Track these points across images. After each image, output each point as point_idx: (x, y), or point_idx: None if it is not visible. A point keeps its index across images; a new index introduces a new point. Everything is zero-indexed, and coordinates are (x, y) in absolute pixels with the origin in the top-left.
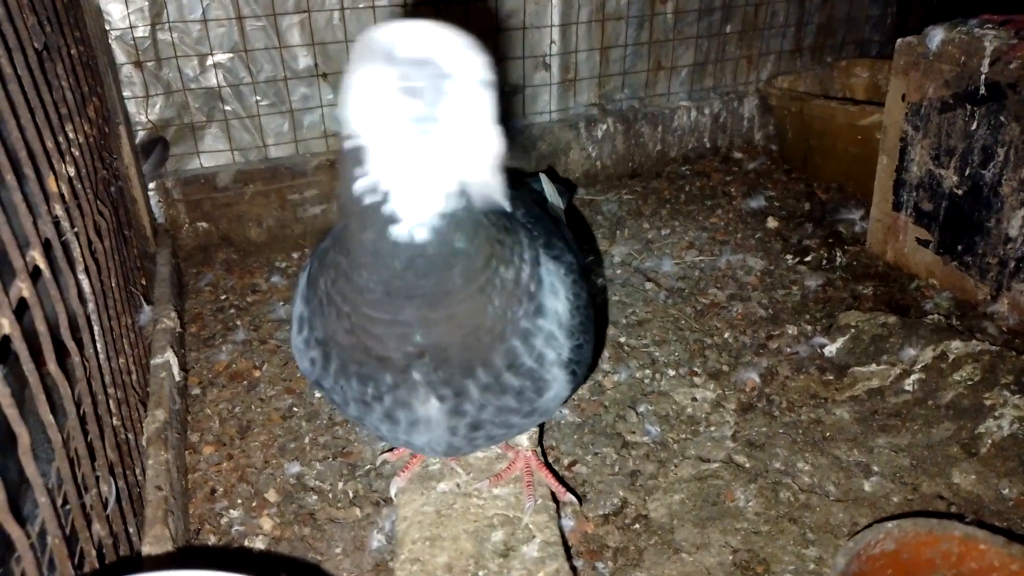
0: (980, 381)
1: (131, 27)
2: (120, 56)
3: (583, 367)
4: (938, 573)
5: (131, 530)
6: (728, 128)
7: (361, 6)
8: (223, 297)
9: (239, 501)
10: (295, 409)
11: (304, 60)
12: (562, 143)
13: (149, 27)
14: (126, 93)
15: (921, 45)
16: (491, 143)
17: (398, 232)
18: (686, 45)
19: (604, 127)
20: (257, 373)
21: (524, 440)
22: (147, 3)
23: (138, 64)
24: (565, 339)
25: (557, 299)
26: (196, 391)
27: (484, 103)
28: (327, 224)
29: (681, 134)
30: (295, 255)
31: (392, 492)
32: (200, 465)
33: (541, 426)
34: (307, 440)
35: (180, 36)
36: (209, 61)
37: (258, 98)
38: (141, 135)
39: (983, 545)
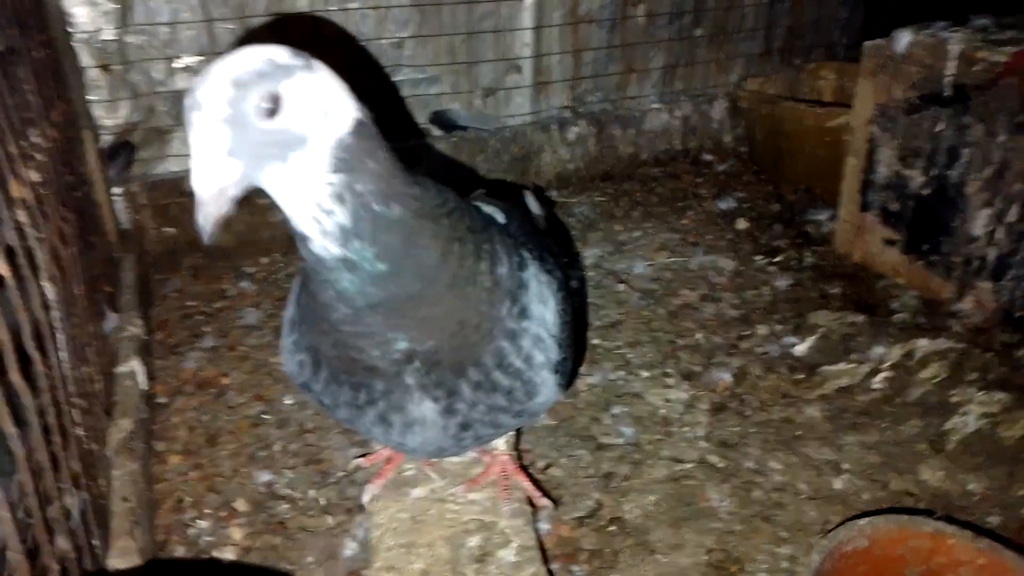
0: (946, 379)
1: (97, 30)
2: (86, 59)
3: (567, 378)
4: (909, 568)
5: (96, 543)
6: (698, 130)
7: (333, 8)
8: (190, 303)
9: (208, 511)
10: (265, 417)
11: None
12: (535, 145)
13: (116, 30)
14: (92, 97)
15: (889, 48)
16: (202, 178)
17: (317, 250)
18: (657, 48)
19: (576, 129)
20: (225, 380)
21: (501, 444)
22: (114, 5)
23: (104, 67)
24: (554, 345)
25: (546, 308)
26: (163, 399)
27: (207, 136)
28: None
29: (652, 136)
30: (264, 260)
31: (365, 499)
32: (167, 475)
33: (518, 430)
34: (277, 448)
35: (148, 39)
36: (177, 64)
37: None
38: (107, 139)
39: (952, 540)
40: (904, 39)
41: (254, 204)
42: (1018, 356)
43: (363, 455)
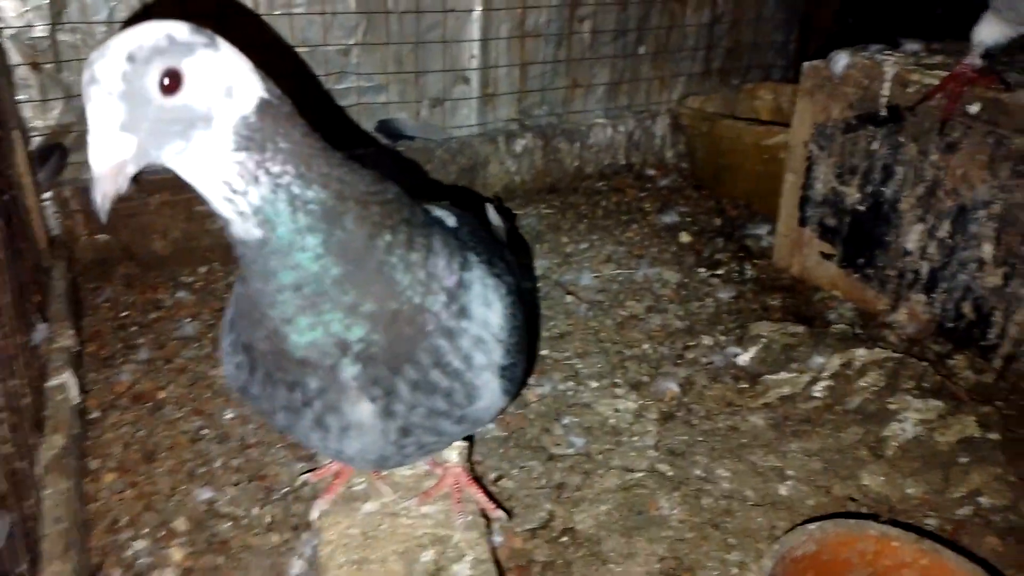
0: (884, 387)
1: (28, 26)
2: (14, 56)
3: (515, 385)
4: (856, 572)
5: (25, 568)
6: (642, 146)
7: (277, 13)
8: (124, 314)
9: (145, 531)
10: (204, 431)
11: None
12: (481, 156)
13: (49, 27)
14: (21, 96)
15: (826, 69)
16: (96, 153)
17: (238, 232)
18: (602, 64)
19: (523, 142)
20: (162, 394)
21: (454, 456)
22: (46, 1)
23: (35, 65)
24: (497, 348)
25: (490, 310)
26: (96, 414)
27: (102, 109)
28: None
29: (597, 150)
30: (202, 269)
31: (314, 515)
32: (101, 494)
33: (471, 441)
34: (218, 464)
35: (83, 37)
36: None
37: None
38: (37, 141)
39: (896, 542)
40: (841, 61)
41: (191, 211)
42: (950, 365)
43: (310, 470)
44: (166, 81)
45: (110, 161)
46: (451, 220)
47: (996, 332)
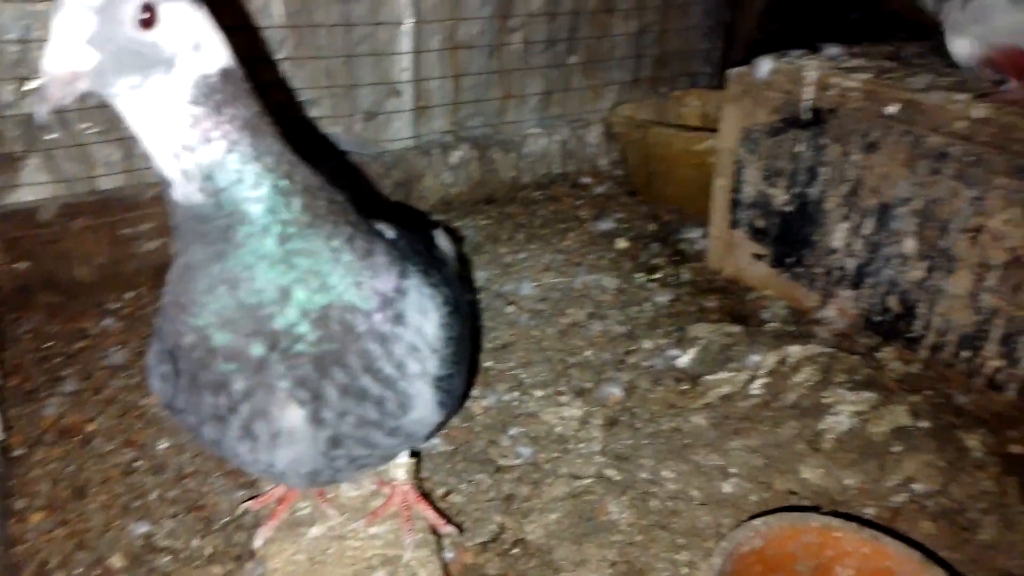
0: (818, 382)
1: None
2: None
3: (453, 398)
4: (801, 563)
5: None
6: (576, 154)
7: None
8: (47, 344)
9: (79, 570)
10: (138, 463)
11: None
12: (417, 169)
13: None
14: None
15: (751, 75)
16: (51, 56)
17: (178, 196)
18: (534, 74)
19: (458, 153)
20: (91, 427)
21: (400, 474)
22: None
23: None
24: (432, 358)
25: (425, 319)
26: (20, 451)
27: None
28: (166, 259)
29: (533, 160)
30: (129, 295)
31: (258, 543)
32: (28, 535)
33: (418, 458)
34: (154, 496)
35: None
36: (29, 86)
37: (86, 125)
38: None
39: (838, 533)
40: (765, 67)
41: (116, 235)
42: (879, 358)
43: (252, 497)
44: (144, 15)
45: (67, 67)
46: (390, 233)
47: (921, 324)
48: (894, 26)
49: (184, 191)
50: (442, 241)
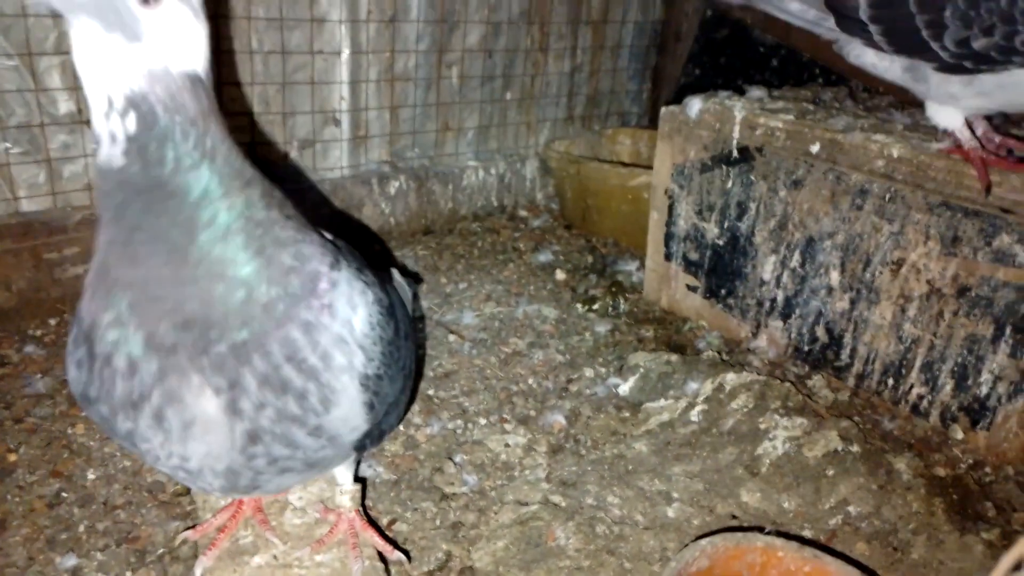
0: (754, 408)
1: None
2: None
3: (382, 404)
4: None
5: None
6: (513, 188)
7: None
8: None
9: None
10: (64, 495)
11: (66, 105)
12: (355, 199)
13: None
14: None
15: (682, 113)
16: None
17: (102, 159)
18: (471, 108)
19: (397, 184)
20: (13, 457)
21: (347, 501)
22: None
23: None
24: (359, 353)
25: (354, 312)
26: None
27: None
28: None
29: (471, 192)
30: (52, 321)
31: (197, 574)
32: None
33: (364, 485)
34: (82, 528)
35: None
36: None
37: (8, 145)
38: None
39: (781, 552)
40: (695, 106)
41: (39, 259)
42: (810, 385)
43: (190, 527)
44: None
45: None
46: (329, 236)
47: (847, 353)
48: (810, 73)
49: (108, 152)
50: (398, 278)
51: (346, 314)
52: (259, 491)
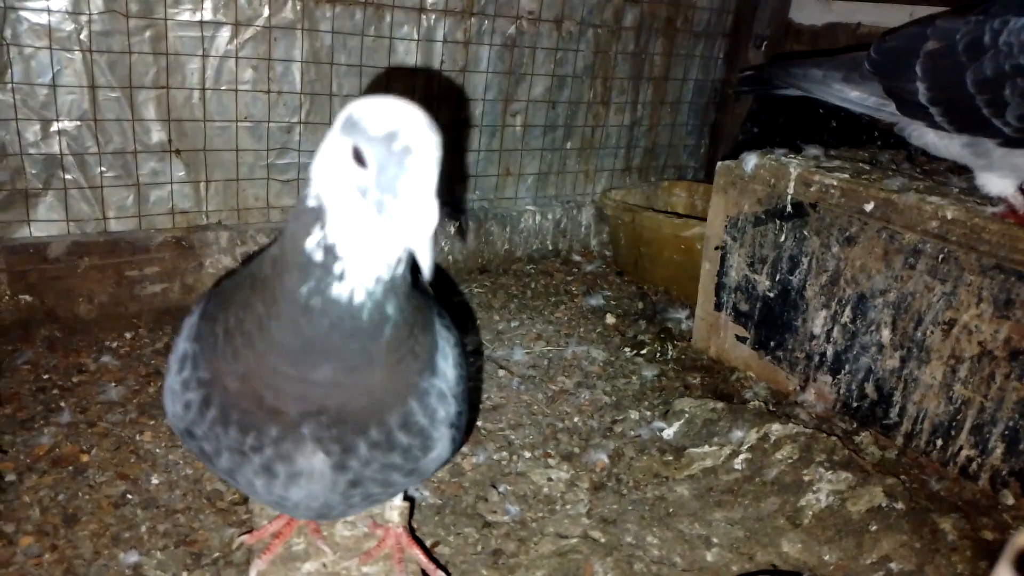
0: (798, 459)
1: None
2: None
3: (462, 434)
4: None
5: None
6: (568, 233)
7: (223, 88)
8: (45, 376)
9: None
10: (129, 496)
11: (157, 135)
12: None
13: None
14: None
15: (738, 168)
16: (433, 216)
17: (339, 291)
18: (532, 155)
19: (456, 224)
20: (85, 458)
21: (395, 516)
22: None
23: None
24: (453, 402)
25: (447, 364)
26: (11, 477)
27: (433, 178)
28: (167, 303)
29: (527, 235)
30: (128, 335)
31: (252, 575)
32: (16, 558)
33: (412, 503)
34: (144, 528)
35: (23, 98)
36: (54, 127)
37: (103, 169)
38: None
39: None
40: (751, 161)
41: (121, 275)
42: (857, 441)
43: (247, 532)
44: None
45: (436, 220)
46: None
47: (896, 411)
48: (869, 135)
49: (349, 288)
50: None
51: (443, 368)
52: (345, 517)
